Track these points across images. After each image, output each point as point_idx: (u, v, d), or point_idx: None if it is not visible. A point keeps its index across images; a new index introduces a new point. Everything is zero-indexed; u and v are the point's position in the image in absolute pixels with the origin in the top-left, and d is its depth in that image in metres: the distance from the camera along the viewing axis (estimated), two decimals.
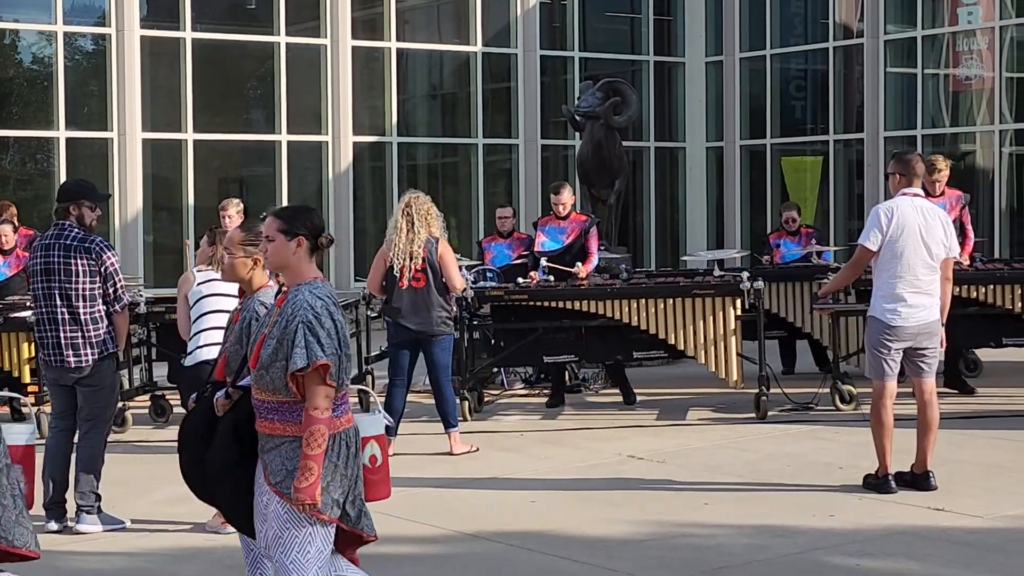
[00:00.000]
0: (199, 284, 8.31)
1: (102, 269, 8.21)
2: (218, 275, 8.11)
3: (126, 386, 12.22)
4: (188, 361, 8.23)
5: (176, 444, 5.75)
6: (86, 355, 8.19)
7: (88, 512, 8.17)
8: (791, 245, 14.31)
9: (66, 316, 8.18)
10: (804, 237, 14.39)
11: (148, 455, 10.79)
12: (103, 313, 8.26)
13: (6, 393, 11.93)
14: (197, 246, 10.01)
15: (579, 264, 12.53)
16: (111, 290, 8.25)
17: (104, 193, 8.65)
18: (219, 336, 8.03)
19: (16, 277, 13.16)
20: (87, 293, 8.19)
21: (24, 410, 12.53)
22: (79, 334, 8.18)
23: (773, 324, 13.25)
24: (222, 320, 8.06)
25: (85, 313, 8.18)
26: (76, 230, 8.27)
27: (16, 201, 15.09)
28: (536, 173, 24.11)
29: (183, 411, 8.42)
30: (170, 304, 12.38)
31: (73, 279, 8.17)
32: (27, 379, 11.62)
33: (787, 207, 15.04)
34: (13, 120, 21.50)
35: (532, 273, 12.58)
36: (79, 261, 8.17)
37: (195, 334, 8.24)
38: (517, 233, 14.85)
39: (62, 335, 8.19)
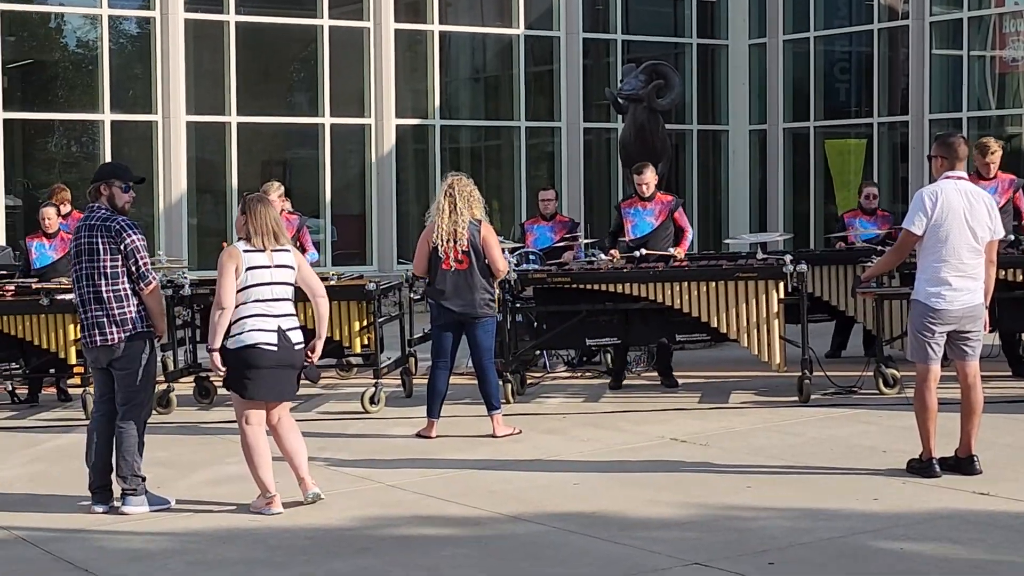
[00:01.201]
0: (248, 269, 8.13)
1: (123, 247, 8.21)
2: (260, 249, 8.11)
3: (170, 367, 12.30)
4: (231, 344, 8.12)
5: None
6: (112, 334, 8.19)
7: (133, 494, 8.21)
8: (867, 224, 14.12)
9: (91, 296, 8.23)
10: (881, 219, 14.22)
11: (192, 436, 10.86)
12: (128, 292, 8.25)
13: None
14: None
15: (672, 248, 12.53)
16: (134, 268, 8.24)
17: (138, 176, 8.64)
18: (267, 323, 8.05)
19: (63, 259, 13.25)
20: (108, 271, 8.21)
21: (70, 391, 12.68)
22: (103, 313, 8.20)
23: (817, 308, 13.23)
24: (266, 307, 8.08)
25: (108, 291, 8.20)
26: (103, 210, 8.31)
27: (63, 184, 15.17)
28: (578, 156, 24.08)
29: (226, 393, 8.49)
30: (215, 286, 12.46)
31: (96, 258, 8.22)
32: (73, 360, 11.71)
33: (868, 183, 14.80)
34: (59, 103, 21.63)
35: (613, 251, 12.55)
36: (100, 240, 8.22)
37: (242, 318, 8.10)
38: (559, 216, 14.86)
39: (91, 314, 8.24)
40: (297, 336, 8.17)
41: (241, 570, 6.92)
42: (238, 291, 8.05)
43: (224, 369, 8.08)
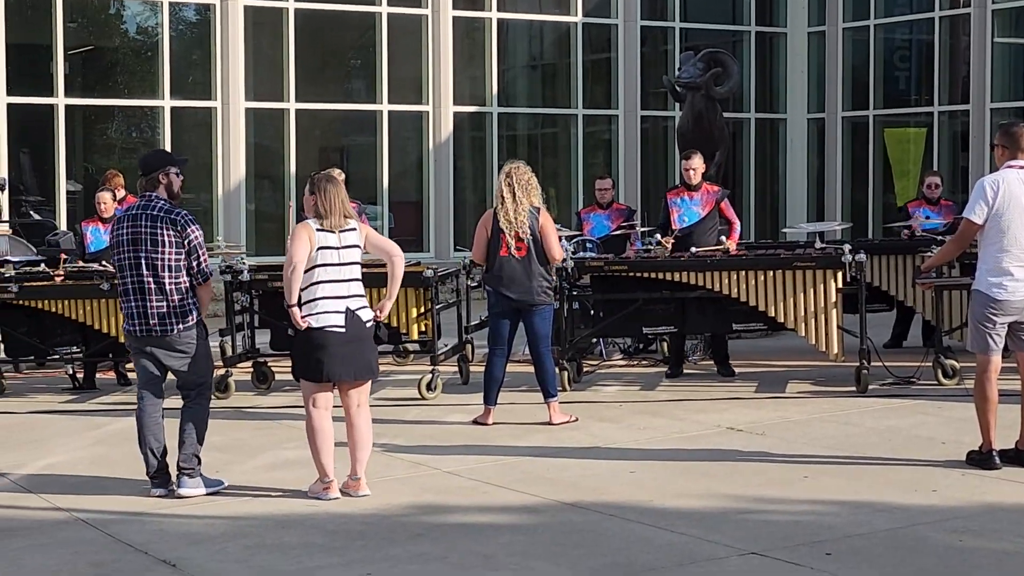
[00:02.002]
0: (318, 248, 8.10)
1: (186, 242, 8.23)
2: (330, 230, 8.13)
3: (229, 353, 12.38)
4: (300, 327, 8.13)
5: None
6: (173, 325, 8.23)
7: (190, 475, 8.25)
8: (930, 214, 14.00)
9: (152, 285, 8.22)
10: (944, 209, 14.11)
11: (250, 421, 10.93)
12: (188, 285, 8.29)
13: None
14: (300, 207, 10.04)
15: (723, 239, 12.51)
16: (195, 264, 8.28)
17: (183, 157, 8.72)
18: (336, 304, 8.08)
19: None
20: (172, 264, 8.22)
21: (130, 375, 12.78)
22: (164, 304, 8.21)
23: (875, 297, 13.15)
24: (334, 288, 8.11)
25: (170, 283, 8.21)
26: (163, 201, 8.31)
27: (121, 170, 15.29)
28: (636, 144, 24.03)
29: (292, 378, 8.53)
30: (273, 272, 12.53)
31: (160, 249, 8.21)
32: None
33: (931, 173, 14.70)
34: (119, 90, 21.80)
35: (666, 239, 12.52)
36: (165, 232, 8.21)
37: (311, 300, 8.09)
38: (616, 204, 14.84)
39: (149, 304, 8.22)
40: (367, 315, 8.20)
41: (299, 554, 6.96)
42: (306, 270, 8.07)
43: (303, 325, 8.07)
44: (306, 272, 8.09)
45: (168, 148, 19.05)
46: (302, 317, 8.08)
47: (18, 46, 19.95)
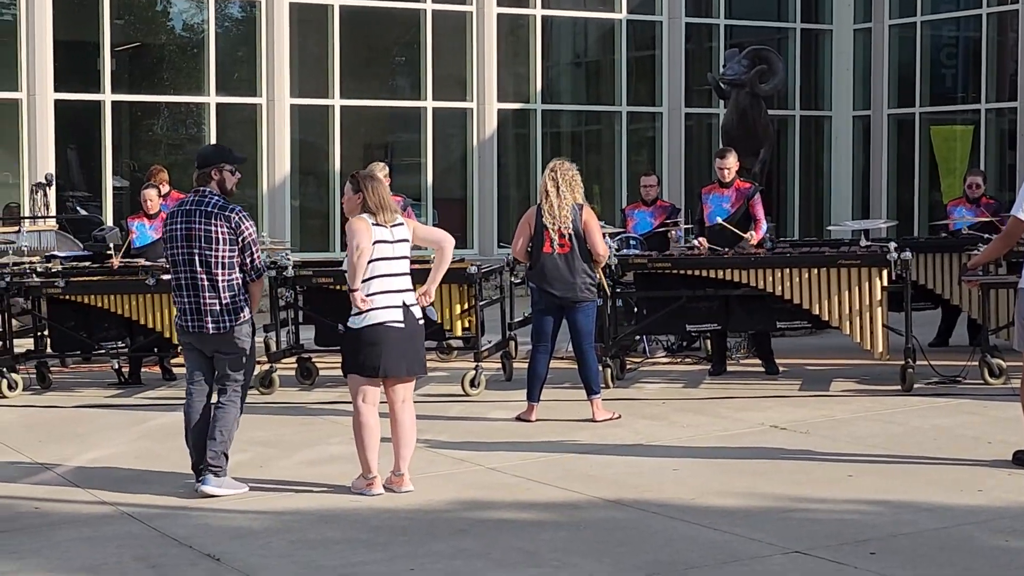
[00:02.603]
0: (374, 243, 8.09)
1: (240, 239, 8.22)
2: (383, 225, 8.13)
3: (272, 348, 12.42)
4: (355, 323, 8.10)
5: None
6: (224, 321, 8.22)
7: (215, 474, 8.19)
8: (966, 213, 13.93)
9: (205, 282, 8.20)
10: (985, 207, 14.02)
11: (294, 416, 10.96)
12: (240, 281, 8.29)
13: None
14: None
15: (751, 232, 12.50)
16: (248, 260, 8.26)
17: (241, 155, 8.68)
18: (392, 299, 8.09)
19: (161, 240, 13.42)
20: (226, 260, 8.21)
21: (175, 371, 12.85)
22: (217, 300, 8.20)
23: (921, 296, 13.08)
24: (389, 283, 8.12)
25: (223, 280, 8.20)
26: (217, 197, 8.30)
27: (166, 166, 15.38)
28: (680, 141, 23.99)
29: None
30: (318, 268, 12.58)
31: (214, 245, 8.19)
32: (177, 340, 11.83)
33: (972, 173, 14.61)
34: (164, 86, 21.91)
35: (701, 239, 12.51)
36: (219, 228, 8.19)
37: (368, 295, 8.07)
38: (660, 201, 14.80)
39: (202, 301, 8.21)
40: (419, 311, 8.22)
41: (342, 550, 6.98)
42: None
43: (364, 308, 8.06)
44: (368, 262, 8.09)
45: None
46: (354, 315, 8.07)
47: (66, 43, 20.09)
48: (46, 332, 12.72)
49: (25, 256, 15.01)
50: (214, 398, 8.41)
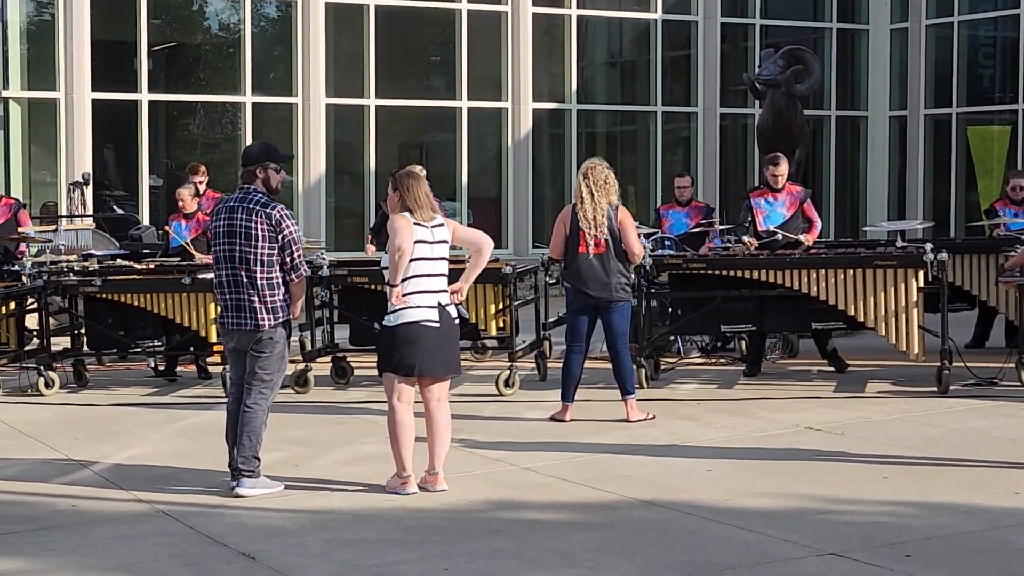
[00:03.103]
0: (415, 242, 8.09)
1: (280, 237, 8.23)
2: (423, 224, 8.14)
3: (308, 347, 12.45)
4: (390, 321, 8.12)
5: None
6: (262, 319, 8.22)
7: (250, 476, 8.22)
8: (1012, 214, 13.87)
9: (244, 279, 8.21)
10: None
11: (329, 415, 10.99)
12: (280, 280, 8.28)
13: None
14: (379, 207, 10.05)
15: (804, 235, 12.50)
16: (288, 259, 8.26)
17: (287, 154, 8.70)
18: (428, 299, 8.10)
19: (197, 239, 13.47)
20: (265, 258, 8.21)
21: (210, 369, 12.90)
22: (256, 298, 8.20)
23: (958, 297, 13.02)
24: (426, 283, 8.13)
25: (262, 278, 8.21)
26: (260, 194, 8.31)
27: (203, 164, 15.43)
28: (715, 142, 23.95)
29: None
30: (353, 267, 12.61)
31: (254, 243, 8.20)
32: (214, 339, 11.90)
33: (1015, 174, 14.54)
34: (201, 86, 22.01)
35: (750, 240, 12.49)
36: (260, 225, 8.19)
37: (405, 295, 8.08)
38: (695, 201, 14.79)
39: (241, 298, 8.23)
40: (455, 312, 8.23)
41: (377, 549, 6.99)
42: None
43: (399, 304, 8.08)
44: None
45: (248, 143, 19.19)
46: (391, 312, 8.08)
47: (103, 43, 20.21)
48: (83, 330, 12.79)
49: (62, 255, 15.08)
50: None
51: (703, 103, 23.88)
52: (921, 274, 11.36)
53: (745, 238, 12.63)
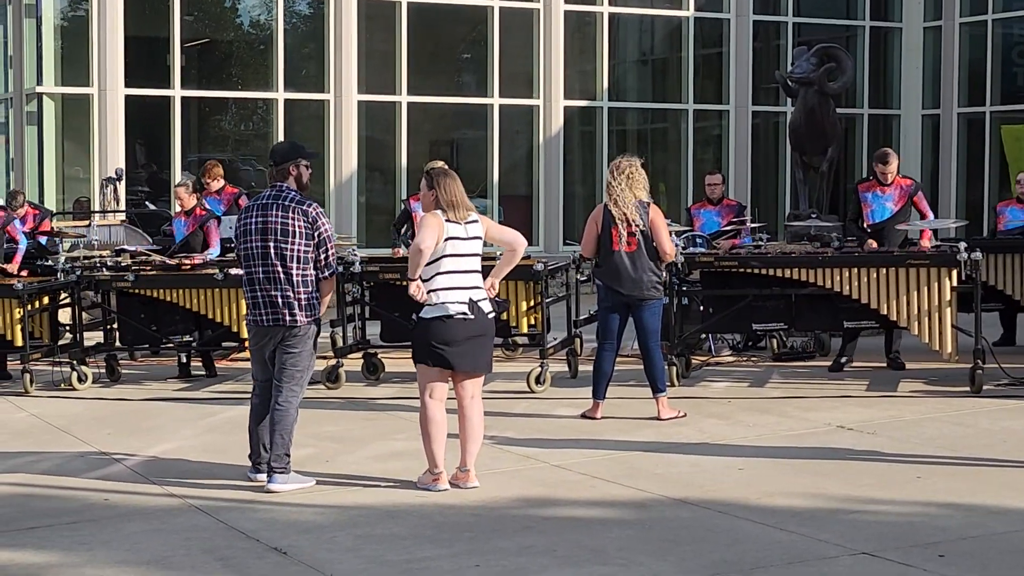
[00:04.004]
0: (446, 239, 8.07)
1: (316, 235, 8.28)
2: (457, 221, 8.13)
3: (339, 343, 12.47)
4: (425, 313, 8.10)
5: None
6: (298, 316, 8.27)
7: (282, 472, 8.25)
8: (1018, 213, 13.83)
9: (280, 275, 8.24)
10: None
11: (360, 411, 11.00)
12: (313, 277, 8.33)
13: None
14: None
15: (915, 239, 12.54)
16: (323, 257, 8.32)
17: (313, 152, 8.76)
18: (460, 295, 8.10)
19: (193, 235, 13.54)
20: (301, 254, 8.26)
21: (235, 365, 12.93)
22: (291, 294, 8.24)
23: (991, 296, 12.96)
24: (459, 279, 8.13)
25: (298, 274, 8.25)
26: (294, 192, 8.35)
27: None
28: (746, 140, 23.90)
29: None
30: (385, 264, 12.62)
31: (290, 239, 8.24)
32: (245, 335, 11.90)
33: None
34: (233, 82, 22.07)
35: (872, 242, 12.43)
36: (297, 222, 8.24)
37: (435, 290, 8.07)
38: (727, 200, 14.75)
39: (277, 294, 8.27)
40: (488, 306, 8.22)
41: (408, 545, 7.00)
42: (431, 261, 8.08)
43: (422, 297, 8.10)
44: (432, 262, 8.07)
45: (280, 140, 19.24)
46: (424, 306, 8.08)
47: (137, 39, 20.29)
48: (115, 325, 12.85)
49: (95, 250, 15.15)
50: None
51: (735, 101, 23.83)
52: (954, 273, 11.32)
53: (869, 242, 12.51)
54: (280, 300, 8.26)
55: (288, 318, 8.26)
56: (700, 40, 24.04)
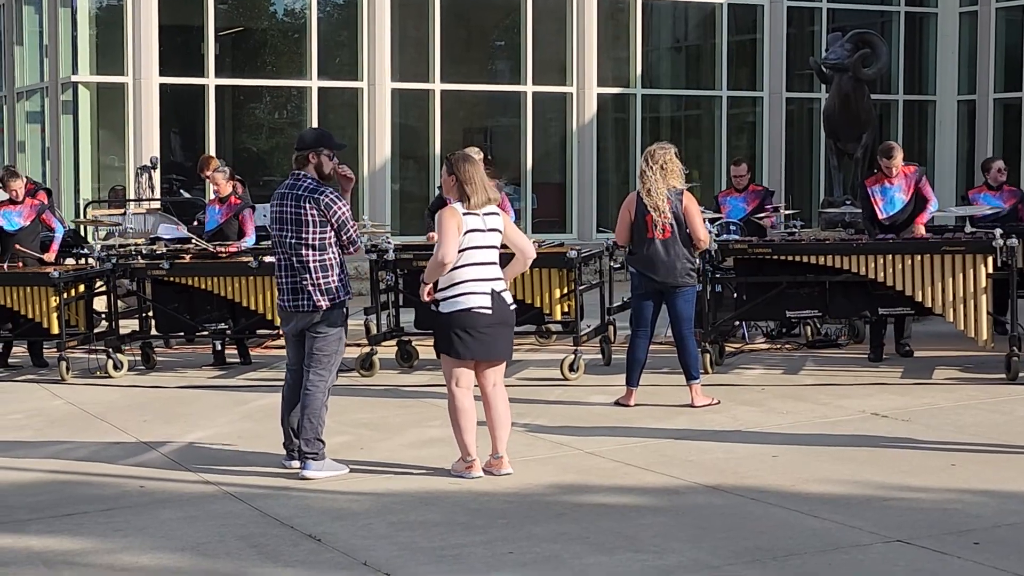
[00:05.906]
0: (465, 232, 8.08)
1: (332, 219, 8.29)
2: (475, 213, 8.13)
3: (373, 331, 12.49)
4: (445, 307, 8.13)
5: None
6: (319, 301, 8.30)
7: (314, 458, 8.28)
8: (991, 200, 13.76)
9: (296, 263, 8.30)
10: (1007, 194, 13.82)
11: (394, 399, 11.03)
12: (334, 261, 8.34)
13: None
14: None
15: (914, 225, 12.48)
16: (344, 237, 8.35)
17: (341, 142, 8.75)
18: (482, 287, 8.10)
19: (228, 223, 13.56)
20: (316, 242, 8.28)
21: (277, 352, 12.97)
22: (308, 281, 8.27)
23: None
24: (479, 271, 8.13)
25: (314, 261, 8.28)
26: (310, 180, 8.37)
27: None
28: (780, 126, 23.82)
29: (435, 357, 8.59)
30: (418, 251, 12.63)
31: (303, 228, 8.28)
32: (279, 322, 11.94)
33: (994, 159, 14.42)
34: (267, 70, 22.12)
35: (917, 229, 12.42)
36: (309, 211, 8.26)
37: (456, 283, 8.10)
38: (753, 186, 14.70)
39: (295, 281, 8.32)
40: (509, 297, 8.23)
41: (442, 532, 7.02)
42: None
43: (429, 298, 8.14)
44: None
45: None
46: (446, 300, 8.10)
47: (170, 28, 20.36)
48: (151, 313, 12.91)
49: (130, 238, 15.21)
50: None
51: (768, 87, 23.75)
52: (990, 260, 11.26)
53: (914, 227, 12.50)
54: (299, 287, 8.32)
55: (307, 304, 8.32)
56: (734, 26, 23.96)
